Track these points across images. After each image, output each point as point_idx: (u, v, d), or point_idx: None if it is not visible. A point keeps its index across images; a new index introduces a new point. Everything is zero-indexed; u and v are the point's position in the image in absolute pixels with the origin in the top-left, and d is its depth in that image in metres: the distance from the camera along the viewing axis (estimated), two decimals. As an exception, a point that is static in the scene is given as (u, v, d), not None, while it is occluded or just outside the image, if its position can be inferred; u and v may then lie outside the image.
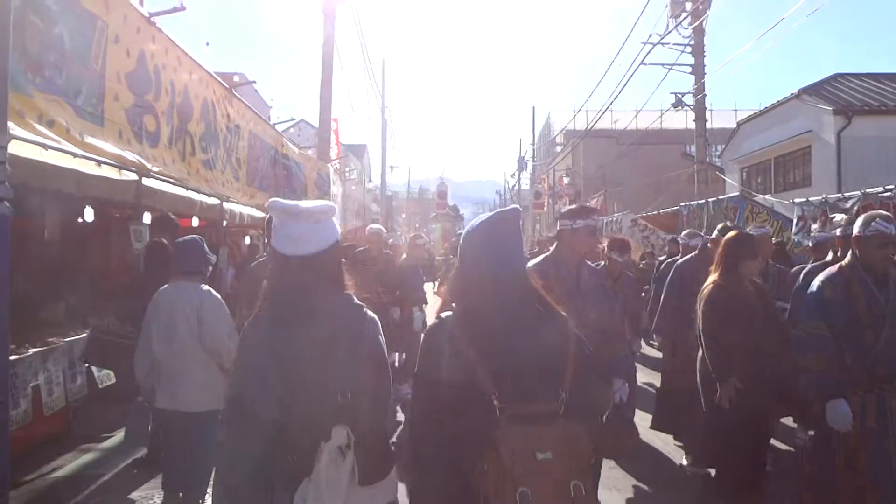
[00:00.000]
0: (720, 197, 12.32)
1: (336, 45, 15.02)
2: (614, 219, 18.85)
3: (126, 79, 5.83)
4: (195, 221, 8.65)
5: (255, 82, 9.51)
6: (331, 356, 2.06)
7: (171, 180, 6.67)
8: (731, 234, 4.54)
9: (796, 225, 9.32)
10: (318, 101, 14.93)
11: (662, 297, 5.63)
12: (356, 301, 2.22)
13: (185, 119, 7.31)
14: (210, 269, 4.19)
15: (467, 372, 1.86)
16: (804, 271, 5.27)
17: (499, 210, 2.13)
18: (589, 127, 27.28)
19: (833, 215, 8.45)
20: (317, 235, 2.16)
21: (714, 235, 5.35)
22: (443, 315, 2.03)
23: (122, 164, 5.52)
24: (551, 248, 3.78)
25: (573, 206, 3.95)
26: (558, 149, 44.32)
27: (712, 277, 4.30)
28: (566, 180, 33.64)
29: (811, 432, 4.13)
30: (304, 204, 2.22)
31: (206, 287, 3.97)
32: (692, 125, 37.90)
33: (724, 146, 25.96)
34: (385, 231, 8.44)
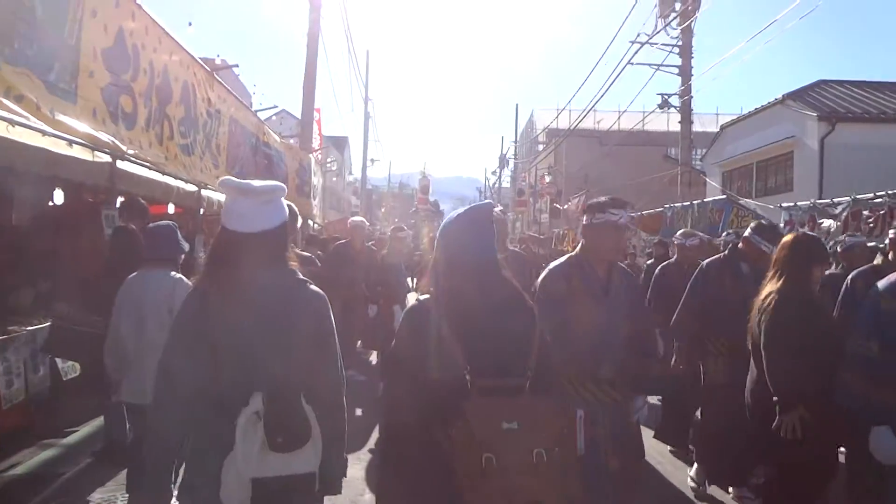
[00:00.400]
0: (705, 199, 12.25)
1: (321, 34, 14.75)
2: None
3: (102, 56, 5.54)
4: (171, 208, 8.39)
5: (237, 66, 9.22)
6: (264, 326, 2.12)
7: (148, 164, 6.40)
8: (794, 235, 3.90)
9: (783, 230, 9.26)
10: (300, 91, 14.66)
11: (683, 299, 4.92)
12: (300, 276, 2.27)
13: (164, 101, 7.03)
14: (183, 256, 4.00)
15: (443, 348, 2.03)
16: (850, 277, 4.73)
17: (475, 204, 2.29)
18: (572, 126, 27.24)
19: (822, 221, 8.40)
20: (265, 214, 2.21)
21: (748, 234, 4.76)
22: (421, 297, 2.22)
23: (95, 145, 5.25)
24: (577, 248, 3.38)
25: (601, 198, 3.34)
26: (541, 147, 44.27)
27: (775, 286, 3.61)
28: (548, 179, 33.55)
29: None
30: (256, 183, 2.26)
31: (177, 275, 3.80)
32: (675, 127, 38.09)
33: (706, 150, 26.01)
34: (367, 223, 8.21)
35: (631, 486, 3.13)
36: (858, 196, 7.93)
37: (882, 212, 7.34)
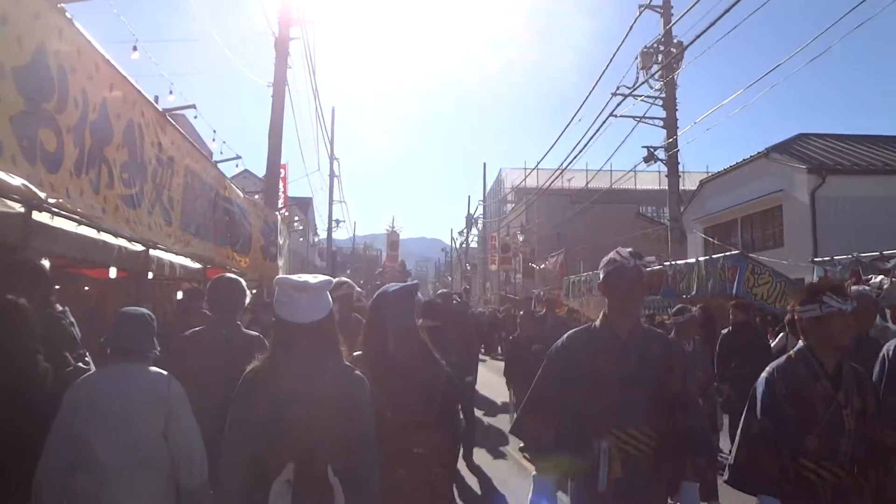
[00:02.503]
0: (714, 256, 11.27)
1: (287, 86, 13.72)
2: (582, 278, 17.74)
3: (13, 74, 4.29)
4: (113, 272, 7.04)
5: (193, 107, 8.05)
6: (306, 405, 2.42)
7: (77, 217, 5.10)
8: None
9: (819, 287, 8.31)
10: (263, 142, 13.51)
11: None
12: (345, 363, 2.64)
13: (102, 141, 5.75)
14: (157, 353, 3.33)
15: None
16: None
17: (404, 284, 3.11)
18: (545, 185, 26.55)
19: (869, 276, 7.44)
20: (318, 305, 2.57)
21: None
22: (354, 355, 2.85)
23: (0, 191, 3.96)
24: (598, 319, 3.13)
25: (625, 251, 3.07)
26: (510, 207, 43.71)
27: None
28: (521, 237, 32.72)
29: None
30: (311, 280, 2.61)
31: (162, 371, 3.21)
32: (645, 185, 37.97)
33: (684, 206, 25.47)
34: (356, 287, 6.94)
35: None
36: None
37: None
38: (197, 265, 9.02)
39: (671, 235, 16.64)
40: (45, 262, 5.68)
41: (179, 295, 8.54)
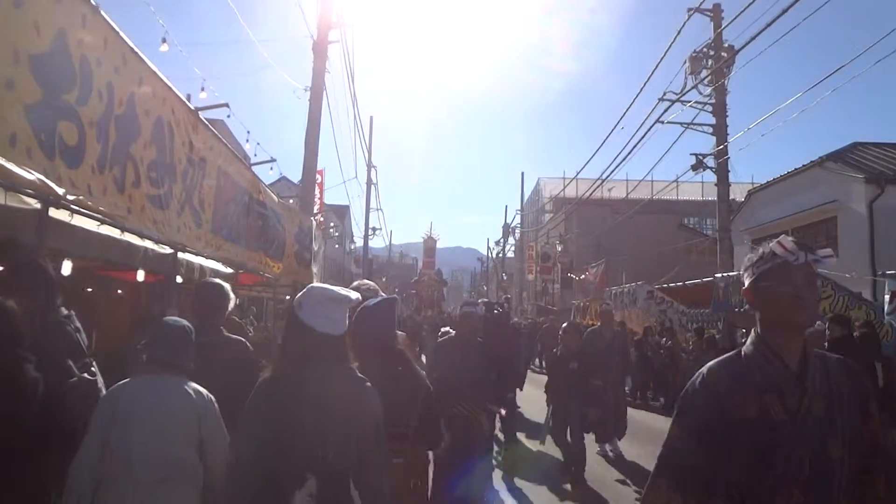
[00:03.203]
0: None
1: (325, 90, 13.49)
2: (625, 290, 17.14)
3: (30, 62, 4.01)
4: (141, 275, 6.80)
5: (226, 105, 7.80)
6: (325, 418, 2.42)
7: (100, 216, 4.84)
8: None
9: (889, 303, 7.67)
10: (298, 147, 13.29)
11: None
12: (358, 374, 2.63)
13: (128, 138, 5.48)
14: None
15: None
16: None
17: (383, 297, 3.34)
18: (585, 195, 25.95)
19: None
20: (345, 319, 2.64)
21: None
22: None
23: (13, 185, 3.69)
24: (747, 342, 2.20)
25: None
26: (547, 217, 43.11)
27: None
28: (559, 247, 32.12)
29: None
30: (346, 293, 2.68)
31: (198, 386, 3.20)
32: (687, 195, 37.06)
33: (731, 217, 24.64)
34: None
35: None
36: None
37: None
38: (229, 270, 8.77)
39: (720, 246, 15.92)
40: (67, 263, 5.44)
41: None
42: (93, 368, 3.42)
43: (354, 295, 2.68)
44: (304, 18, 12.66)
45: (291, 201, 13.61)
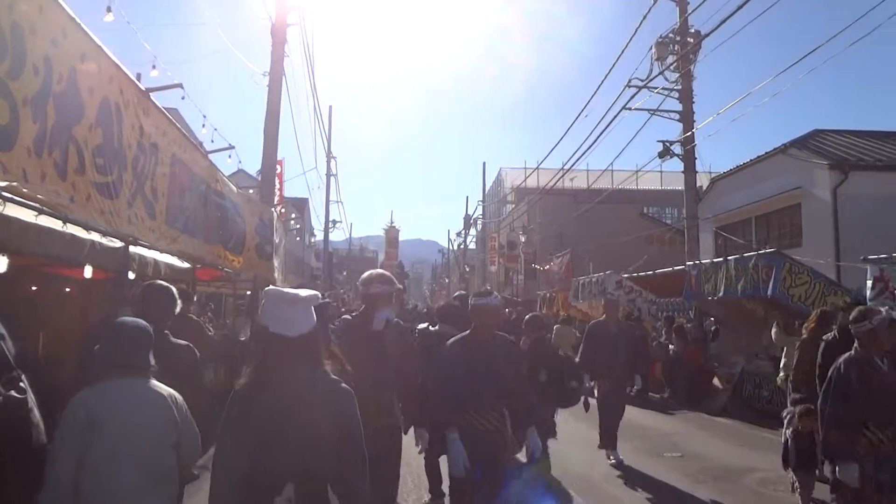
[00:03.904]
0: (745, 255, 10.49)
1: (284, 76, 12.91)
2: (593, 280, 16.97)
3: (-52, 26, 3.48)
4: (88, 271, 6.23)
5: (180, 86, 7.22)
6: (299, 421, 2.38)
7: (37, 205, 4.32)
8: None
9: (872, 289, 7.54)
10: (256, 139, 12.70)
11: None
12: (333, 376, 2.58)
13: (70, 119, 4.94)
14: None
15: None
16: None
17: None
18: (548, 185, 25.75)
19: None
20: (305, 319, 2.57)
21: None
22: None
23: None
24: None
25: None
26: (509, 207, 42.93)
27: None
28: (523, 238, 31.94)
29: None
30: (301, 293, 2.64)
31: (165, 387, 3.10)
32: (646, 185, 37.23)
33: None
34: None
35: None
36: None
37: None
38: (185, 264, 8.21)
39: (688, 234, 15.84)
40: (2, 259, 4.86)
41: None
42: (21, 384, 2.99)
43: (304, 293, 2.64)
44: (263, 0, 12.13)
45: (251, 191, 13.04)
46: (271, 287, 2.73)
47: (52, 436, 3.04)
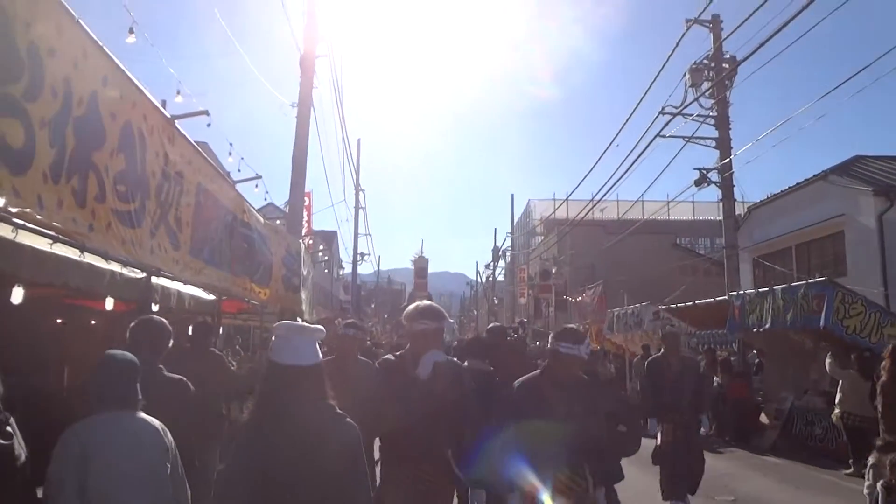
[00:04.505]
0: (793, 284, 10.00)
1: (312, 107, 12.84)
2: (629, 311, 16.47)
3: (-42, 42, 3.30)
4: (109, 303, 6.04)
5: (206, 113, 7.09)
6: (303, 455, 2.44)
7: (53, 234, 4.12)
8: None
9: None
10: (285, 171, 12.58)
11: None
12: (338, 411, 2.63)
13: (91, 144, 4.76)
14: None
15: None
16: None
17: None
18: (578, 216, 25.36)
19: None
20: (312, 350, 2.65)
21: None
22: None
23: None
24: None
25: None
26: (538, 239, 42.54)
27: None
28: (554, 270, 31.47)
29: None
30: (306, 326, 2.76)
31: (154, 420, 3.16)
32: (679, 216, 36.63)
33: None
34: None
35: None
36: None
37: None
38: (210, 296, 8.00)
39: (728, 264, 15.31)
40: (18, 290, 4.65)
41: (190, 330, 7.52)
42: (8, 428, 2.77)
43: (312, 327, 2.75)
44: (291, 32, 12.14)
45: (278, 222, 12.89)
46: (281, 322, 2.84)
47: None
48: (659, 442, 7.08)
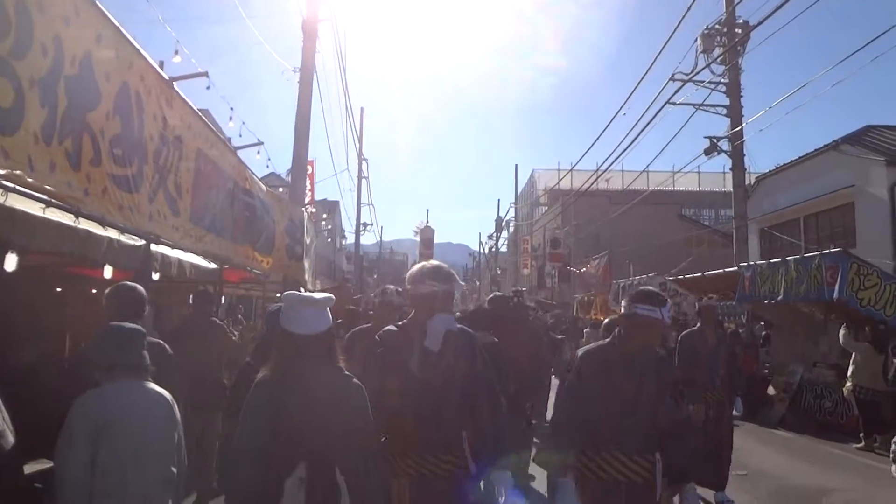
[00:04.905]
0: (806, 255, 9.80)
1: (315, 73, 12.54)
2: (634, 282, 16.30)
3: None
4: (108, 271, 5.87)
5: (206, 74, 6.83)
6: (313, 411, 2.63)
7: (45, 198, 3.93)
8: None
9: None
10: (288, 139, 12.33)
11: None
12: (345, 372, 2.81)
13: (84, 105, 4.56)
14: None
15: None
16: None
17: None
18: (584, 186, 25.06)
19: None
20: (321, 319, 2.78)
21: None
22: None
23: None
24: None
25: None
26: (543, 209, 42.25)
27: None
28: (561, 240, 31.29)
29: None
30: (316, 295, 2.87)
31: (161, 389, 3.16)
32: (684, 186, 36.30)
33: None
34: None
35: None
36: None
37: None
38: (212, 265, 7.83)
39: (737, 235, 15.11)
40: (11, 257, 4.48)
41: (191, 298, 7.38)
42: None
43: (318, 296, 2.83)
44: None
45: (281, 190, 12.69)
46: (289, 292, 2.96)
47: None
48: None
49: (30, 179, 3.72)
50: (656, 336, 3.41)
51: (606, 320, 6.07)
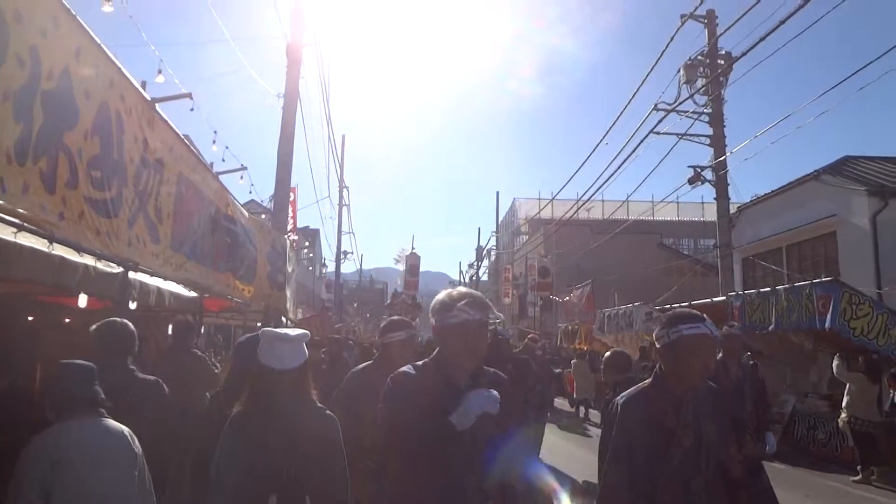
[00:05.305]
0: (797, 284, 9.72)
1: (299, 98, 12.38)
2: (620, 312, 16.18)
3: None
4: (83, 300, 5.56)
5: (189, 96, 6.60)
6: (286, 445, 2.70)
7: (17, 221, 3.68)
8: None
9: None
10: (270, 165, 12.11)
11: None
12: (318, 405, 2.93)
13: (61, 124, 4.32)
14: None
15: None
16: None
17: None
18: (566, 215, 25.09)
19: None
20: (297, 354, 2.86)
21: None
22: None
23: None
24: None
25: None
26: (524, 238, 42.25)
27: None
28: (539, 268, 31.19)
29: None
30: (291, 332, 2.93)
31: (118, 424, 3.12)
32: (664, 216, 36.56)
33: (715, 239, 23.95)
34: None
35: None
36: None
37: None
38: (192, 293, 7.53)
39: (721, 264, 15.08)
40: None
41: (169, 329, 7.05)
42: None
43: (296, 332, 2.90)
44: (277, 15, 11.64)
45: (263, 217, 12.43)
46: (266, 329, 3.03)
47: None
48: None
49: (1, 202, 3.47)
50: (713, 357, 2.79)
51: (607, 354, 5.78)
